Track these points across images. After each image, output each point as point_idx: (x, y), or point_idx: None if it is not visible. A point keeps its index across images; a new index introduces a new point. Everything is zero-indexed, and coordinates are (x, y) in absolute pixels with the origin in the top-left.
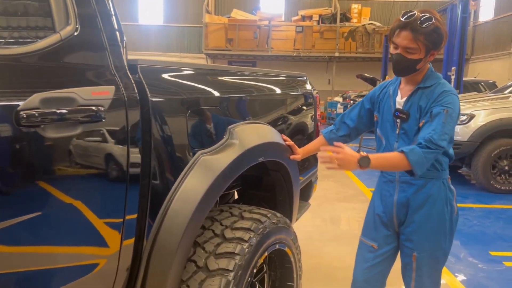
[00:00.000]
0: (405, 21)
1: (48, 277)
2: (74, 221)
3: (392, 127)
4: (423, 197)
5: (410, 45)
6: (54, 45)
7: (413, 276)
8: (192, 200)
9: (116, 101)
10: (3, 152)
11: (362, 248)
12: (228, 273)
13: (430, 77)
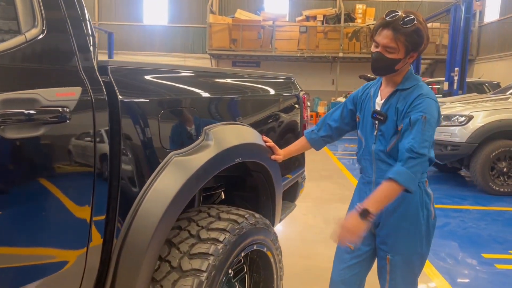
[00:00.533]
0: (388, 20)
1: (12, 275)
2: (37, 221)
3: (371, 129)
4: (398, 199)
5: (390, 44)
6: (18, 46)
7: (387, 279)
8: (163, 200)
9: (82, 102)
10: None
11: (339, 249)
12: (201, 274)
13: (409, 79)
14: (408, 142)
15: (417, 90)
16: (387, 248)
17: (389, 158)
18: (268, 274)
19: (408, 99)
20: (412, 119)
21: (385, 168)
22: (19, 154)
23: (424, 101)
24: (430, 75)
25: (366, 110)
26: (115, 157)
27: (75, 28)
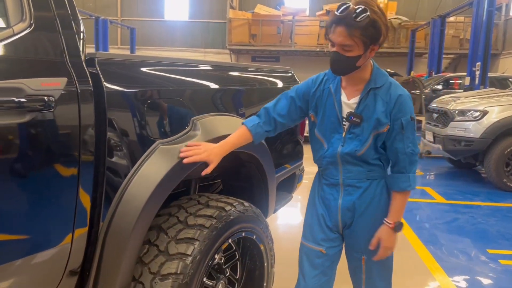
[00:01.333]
0: (339, 15)
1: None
2: (23, 204)
3: (336, 130)
4: (368, 198)
5: (346, 42)
6: (6, 39)
7: (363, 278)
8: (148, 186)
9: (67, 91)
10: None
11: (308, 254)
12: (186, 257)
13: (378, 76)
14: (407, 147)
15: (393, 88)
16: (362, 249)
17: (359, 160)
18: (259, 261)
19: (389, 99)
20: (404, 122)
21: (353, 169)
22: (6, 139)
23: (406, 101)
24: (453, 69)
25: (327, 110)
26: (100, 144)
27: (63, 23)
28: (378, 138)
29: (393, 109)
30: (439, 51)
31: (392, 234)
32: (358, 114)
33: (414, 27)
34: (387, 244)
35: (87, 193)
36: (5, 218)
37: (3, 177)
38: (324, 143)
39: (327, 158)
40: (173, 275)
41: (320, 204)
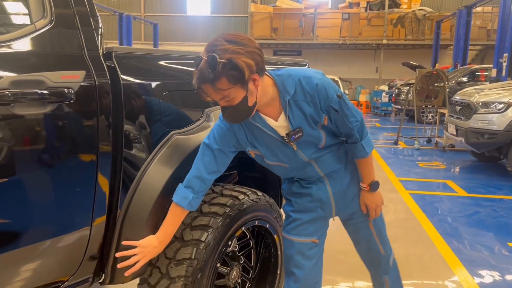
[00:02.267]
0: (197, 76)
1: (28, 233)
2: (46, 192)
3: (285, 150)
4: (350, 171)
5: (219, 97)
6: (29, 34)
7: (377, 241)
8: (163, 175)
9: (85, 84)
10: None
11: (301, 249)
12: (200, 243)
13: (285, 83)
14: (349, 122)
15: (305, 83)
16: (364, 218)
17: (325, 149)
18: (273, 249)
19: (310, 97)
20: (335, 106)
21: (326, 159)
22: (27, 129)
23: (323, 86)
24: (480, 61)
25: (264, 140)
26: (117, 135)
27: (82, 20)
28: (326, 127)
29: (319, 102)
30: (465, 43)
31: (372, 194)
32: (295, 129)
33: (439, 18)
34: (372, 205)
35: (105, 181)
36: (28, 204)
37: (25, 166)
38: (284, 164)
39: (297, 170)
40: (188, 260)
41: (307, 202)
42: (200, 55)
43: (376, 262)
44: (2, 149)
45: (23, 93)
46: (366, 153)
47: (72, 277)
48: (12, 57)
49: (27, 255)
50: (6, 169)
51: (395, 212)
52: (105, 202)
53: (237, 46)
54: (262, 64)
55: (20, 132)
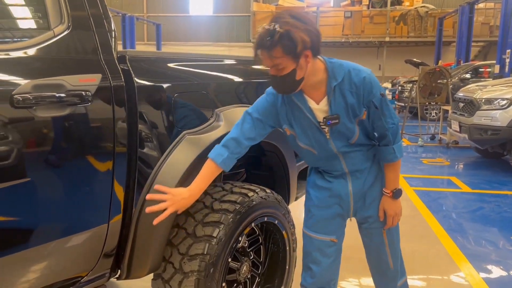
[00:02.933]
0: (256, 42)
1: (49, 228)
2: (65, 191)
3: (318, 135)
4: (374, 174)
5: (270, 64)
6: (48, 41)
7: (388, 252)
8: (176, 173)
9: (102, 87)
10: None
11: (320, 246)
12: (212, 239)
13: (335, 70)
14: (386, 123)
15: (354, 75)
16: (380, 224)
17: (354, 147)
18: (281, 245)
19: (355, 88)
20: (376, 102)
21: (354, 156)
22: (49, 130)
23: (370, 81)
24: (483, 57)
25: (301, 121)
26: (132, 135)
27: (97, 23)
28: (362, 124)
29: (363, 95)
30: (467, 39)
31: (393, 202)
32: (333, 115)
33: (442, 15)
34: (391, 212)
35: (121, 181)
36: (50, 202)
37: (45, 166)
38: (313, 150)
39: (324, 159)
40: (200, 256)
41: (326, 196)
42: (264, 25)
43: (382, 273)
44: (26, 150)
45: (44, 97)
46: (396, 157)
47: (90, 272)
48: (33, 62)
49: (50, 250)
50: (30, 169)
51: None
52: (121, 201)
53: (297, 22)
54: (317, 45)
55: (41, 134)
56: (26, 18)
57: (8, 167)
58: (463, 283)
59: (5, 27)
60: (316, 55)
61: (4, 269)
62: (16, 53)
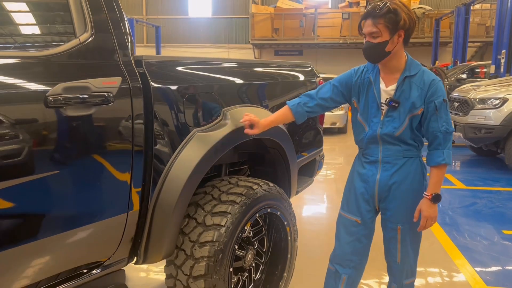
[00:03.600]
0: (366, 11)
1: (79, 215)
2: (92, 182)
3: (375, 114)
4: (404, 174)
5: (372, 30)
6: (75, 47)
7: (398, 247)
8: (188, 167)
9: (122, 88)
10: (36, 126)
11: (345, 223)
12: (220, 228)
13: (412, 65)
14: (441, 125)
15: (426, 75)
16: (397, 220)
17: (396, 140)
18: (283, 235)
19: (423, 84)
20: (437, 104)
21: (392, 148)
22: (77, 128)
23: (439, 85)
24: (480, 58)
25: (368, 96)
26: (148, 132)
27: (116, 31)
28: (413, 120)
29: (427, 93)
30: (464, 40)
31: (431, 205)
32: (396, 99)
33: (438, 16)
34: (427, 214)
35: (139, 173)
36: (76, 193)
37: (71, 160)
38: (366, 127)
39: (369, 139)
40: (210, 243)
41: (358, 180)
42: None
43: (389, 264)
44: (56, 146)
45: (73, 98)
46: (443, 160)
47: (112, 257)
48: (63, 67)
49: (79, 236)
50: (58, 163)
51: None
52: (140, 192)
53: (404, 7)
54: (411, 31)
55: (69, 131)
56: (55, 27)
57: (42, 161)
58: (456, 274)
59: (37, 37)
60: (406, 41)
61: (45, 249)
62: (48, 59)
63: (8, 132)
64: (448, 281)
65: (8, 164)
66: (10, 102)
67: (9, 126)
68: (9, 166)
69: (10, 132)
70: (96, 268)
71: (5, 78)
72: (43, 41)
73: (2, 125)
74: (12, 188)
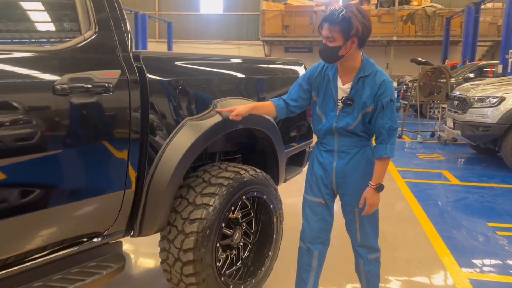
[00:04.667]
0: (325, 16)
1: (81, 189)
2: (88, 159)
3: (332, 109)
4: (357, 162)
5: (328, 35)
6: (80, 43)
7: (357, 228)
8: (179, 151)
9: (121, 80)
10: (45, 111)
11: (310, 205)
12: (209, 207)
13: (367, 66)
14: (386, 123)
15: (378, 76)
16: (354, 203)
17: (350, 133)
18: (269, 218)
19: (374, 84)
20: (384, 103)
21: (346, 140)
22: (80, 113)
23: (388, 86)
24: (491, 57)
25: (326, 92)
26: (144, 119)
27: (117, 28)
28: (365, 116)
29: (377, 92)
30: (473, 39)
31: (375, 194)
32: (350, 97)
33: (449, 15)
34: (371, 202)
35: (135, 156)
36: (79, 169)
37: (75, 142)
38: (323, 119)
39: (326, 130)
40: (199, 220)
41: (318, 166)
42: (336, 7)
43: (352, 244)
44: (61, 129)
45: (77, 87)
46: (385, 153)
47: (110, 228)
48: (69, 60)
49: (79, 208)
50: (63, 144)
51: (389, 197)
52: (136, 173)
53: (360, 15)
54: (365, 38)
55: (74, 116)
56: (63, 25)
57: (51, 141)
58: (434, 258)
59: (47, 34)
60: (361, 45)
61: (53, 217)
62: (56, 53)
63: (20, 116)
64: (427, 264)
65: (18, 143)
66: (23, 90)
67: (22, 111)
68: (20, 145)
69: (22, 116)
70: (97, 237)
71: (20, 69)
72: (53, 37)
73: (16, 110)
74: (24, 164)
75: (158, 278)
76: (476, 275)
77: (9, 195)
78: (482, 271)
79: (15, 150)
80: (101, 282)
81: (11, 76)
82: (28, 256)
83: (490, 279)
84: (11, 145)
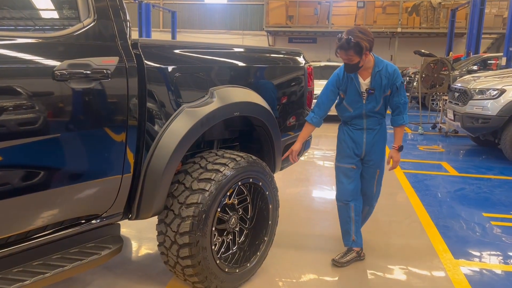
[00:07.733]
0: (338, 44)
1: (80, 172)
2: (87, 143)
3: (358, 100)
4: (380, 135)
5: (346, 58)
6: (79, 30)
7: (375, 184)
8: (176, 137)
9: (119, 67)
10: (44, 95)
11: (343, 171)
12: (205, 192)
13: (379, 63)
14: (401, 99)
15: (389, 67)
16: (377, 166)
17: (375, 113)
18: (265, 204)
19: (389, 75)
20: (398, 85)
21: (372, 119)
22: (79, 99)
23: (398, 72)
24: (496, 49)
25: (351, 89)
26: (142, 105)
27: (115, 17)
28: (385, 99)
29: (391, 79)
30: (478, 31)
31: (397, 153)
32: (372, 87)
33: (454, 7)
34: (396, 159)
35: (132, 142)
36: (77, 153)
37: (74, 126)
38: (350, 109)
39: (356, 116)
40: (195, 204)
41: (350, 140)
42: (342, 35)
43: (365, 194)
44: (60, 113)
45: (76, 73)
46: (403, 121)
47: (109, 210)
48: (68, 47)
49: (79, 190)
50: (62, 127)
51: (387, 187)
52: (133, 158)
53: (363, 35)
54: (372, 47)
55: (73, 101)
56: (63, 13)
57: (50, 125)
58: (428, 246)
59: (47, 20)
60: (370, 51)
61: (54, 198)
62: (56, 39)
63: (21, 100)
64: (420, 252)
65: (18, 127)
66: (24, 76)
67: (23, 96)
68: (20, 129)
69: (23, 100)
70: (95, 219)
71: (20, 55)
72: (52, 24)
73: (17, 94)
74: (24, 146)
75: (155, 261)
76: (468, 263)
77: (10, 177)
78: (474, 260)
79: (15, 133)
80: (99, 262)
81: (11, 61)
82: (28, 235)
83: (481, 267)
84: (11, 129)
